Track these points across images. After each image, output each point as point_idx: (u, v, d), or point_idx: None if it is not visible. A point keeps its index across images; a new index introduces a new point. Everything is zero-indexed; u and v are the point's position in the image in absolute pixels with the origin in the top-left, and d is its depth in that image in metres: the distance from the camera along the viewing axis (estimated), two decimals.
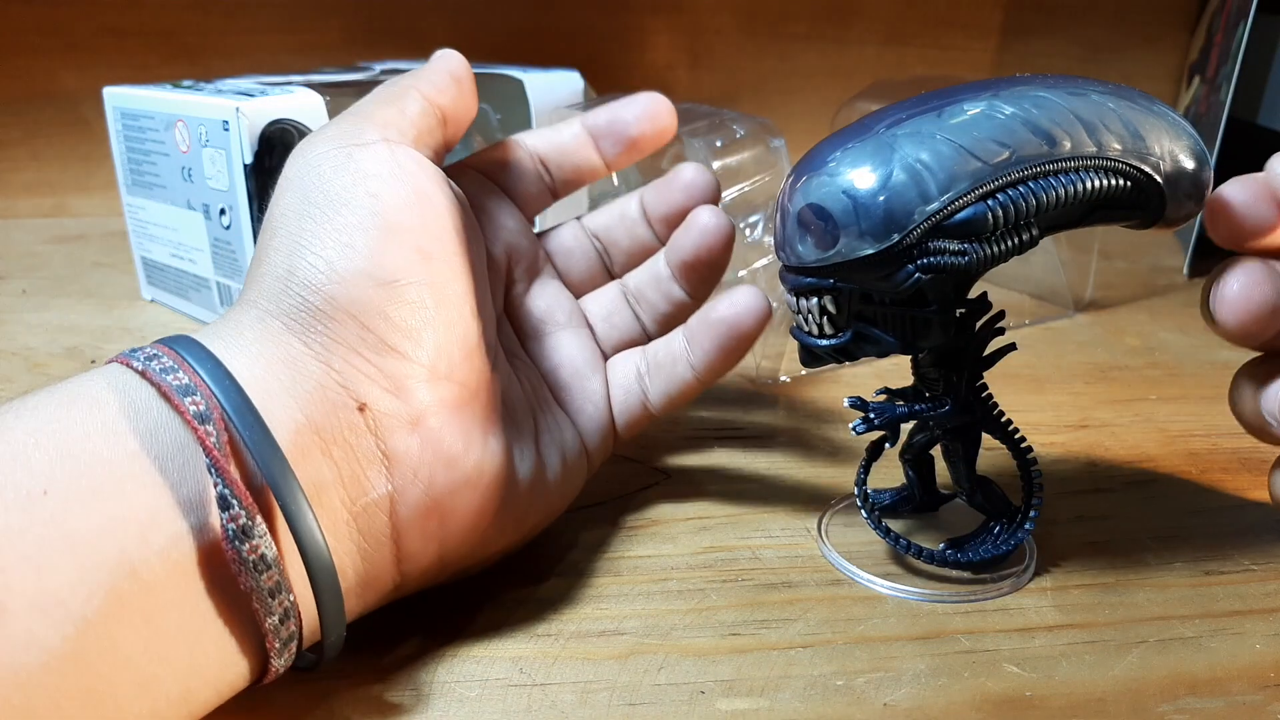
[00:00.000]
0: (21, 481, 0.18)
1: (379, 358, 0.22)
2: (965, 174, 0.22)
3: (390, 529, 0.22)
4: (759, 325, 0.28)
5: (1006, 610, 0.26)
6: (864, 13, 0.70)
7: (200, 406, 0.19)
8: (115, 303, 0.50)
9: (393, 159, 0.24)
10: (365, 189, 0.23)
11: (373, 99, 0.27)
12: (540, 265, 0.31)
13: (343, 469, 0.21)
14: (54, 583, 0.17)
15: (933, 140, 0.23)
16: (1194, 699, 0.23)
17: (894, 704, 0.22)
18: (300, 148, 0.25)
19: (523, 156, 0.30)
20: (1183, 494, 0.30)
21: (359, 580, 0.22)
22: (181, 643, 0.19)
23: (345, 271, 0.22)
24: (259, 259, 0.24)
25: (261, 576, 0.19)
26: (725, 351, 0.29)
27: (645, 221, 0.32)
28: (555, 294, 0.31)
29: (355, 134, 0.25)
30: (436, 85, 0.27)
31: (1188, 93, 0.69)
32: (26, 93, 0.65)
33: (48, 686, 0.17)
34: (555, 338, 0.30)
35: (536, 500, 0.26)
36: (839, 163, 0.23)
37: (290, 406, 0.21)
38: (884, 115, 0.24)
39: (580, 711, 0.22)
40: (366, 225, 0.23)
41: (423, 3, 0.66)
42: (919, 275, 0.23)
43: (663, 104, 0.30)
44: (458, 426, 0.23)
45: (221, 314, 0.44)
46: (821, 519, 0.30)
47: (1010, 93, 0.23)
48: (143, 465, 0.19)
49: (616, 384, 0.30)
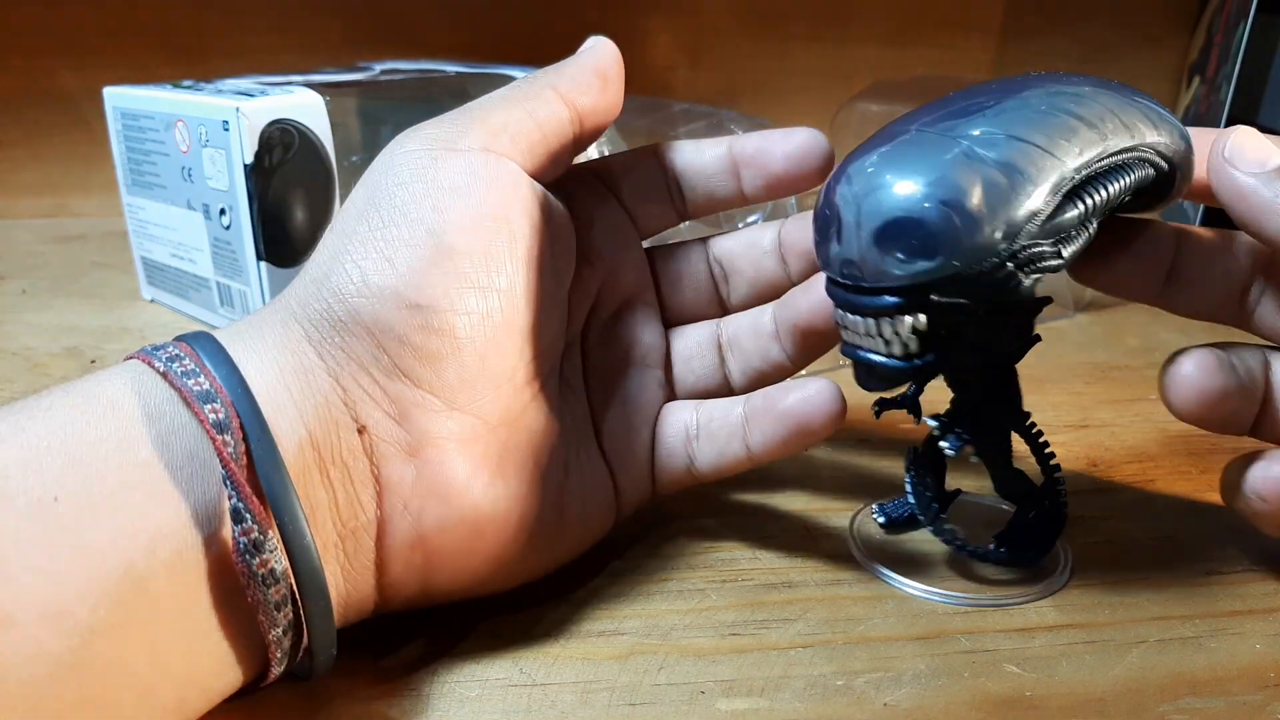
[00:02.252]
0: (33, 488, 0.17)
1: (388, 381, 0.22)
2: (1052, 172, 0.22)
3: (375, 556, 0.22)
4: (829, 426, 0.26)
5: (1006, 610, 0.26)
6: (864, 13, 0.70)
7: (219, 415, 0.19)
8: (115, 303, 0.50)
9: (480, 172, 0.23)
10: (432, 203, 0.22)
11: (502, 95, 0.25)
12: (637, 290, 0.28)
13: (337, 490, 0.21)
14: (62, 593, 0.17)
15: (1009, 141, 0.22)
16: (1194, 699, 0.23)
17: (894, 704, 0.22)
18: (395, 141, 0.24)
19: (655, 171, 0.28)
20: (1183, 494, 0.30)
21: (340, 601, 0.22)
22: (182, 653, 0.19)
23: (376, 287, 0.21)
24: (314, 254, 0.23)
25: (269, 590, 0.19)
26: (787, 445, 0.26)
27: (778, 256, 0.29)
28: (640, 325, 0.28)
29: (454, 136, 0.23)
30: (578, 83, 0.26)
31: (1188, 93, 0.69)
32: (26, 93, 0.65)
33: (51, 696, 0.17)
34: (623, 375, 0.28)
35: (545, 546, 0.25)
36: (917, 170, 0.22)
37: (295, 420, 0.21)
38: (914, 118, 0.23)
39: (580, 711, 0.22)
40: (417, 242, 0.22)
41: (423, 3, 0.66)
42: (1024, 281, 0.22)
43: (817, 146, 0.27)
44: (462, 462, 0.22)
45: (221, 313, 0.45)
46: (853, 522, 0.30)
47: (1041, 90, 0.23)
48: (154, 474, 0.19)
49: (664, 439, 0.28)
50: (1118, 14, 0.71)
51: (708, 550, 0.29)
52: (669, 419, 0.28)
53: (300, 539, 0.19)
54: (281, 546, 0.19)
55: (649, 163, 0.28)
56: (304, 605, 0.20)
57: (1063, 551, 0.28)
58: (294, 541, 0.19)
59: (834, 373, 0.41)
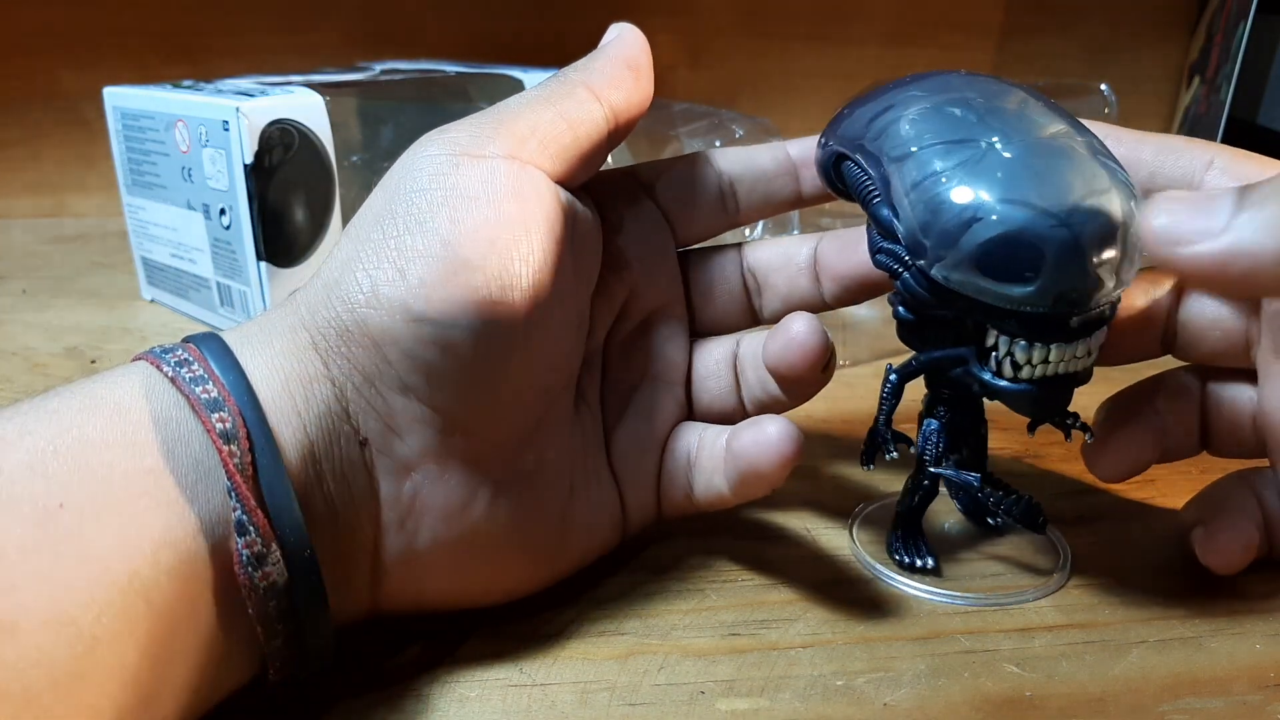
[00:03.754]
0: (39, 494, 0.17)
1: (391, 394, 0.21)
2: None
3: (370, 571, 0.22)
4: (779, 469, 0.24)
5: (1006, 610, 0.26)
6: (864, 13, 0.70)
7: (227, 424, 0.19)
8: (115, 303, 0.50)
9: (502, 181, 0.22)
10: (449, 212, 0.21)
11: (533, 96, 0.24)
12: (666, 300, 0.27)
13: (337, 503, 0.21)
14: (66, 601, 0.17)
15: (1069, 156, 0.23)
16: (1194, 699, 0.23)
17: (894, 704, 0.22)
18: (418, 143, 0.23)
19: (708, 176, 0.27)
20: (1183, 494, 0.30)
21: (334, 613, 0.21)
22: (183, 661, 0.19)
23: (385, 298, 0.21)
24: (329, 256, 0.22)
25: (270, 603, 0.19)
26: (745, 486, 0.25)
27: (812, 274, 0.28)
28: (665, 339, 0.27)
29: (478, 141, 0.22)
30: (610, 79, 0.25)
31: (1188, 93, 0.69)
32: (26, 93, 0.65)
33: (53, 704, 0.17)
34: (640, 392, 0.27)
35: (544, 564, 0.24)
36: (1026, 183, 0.22)
37: (299, 430, 0.20)
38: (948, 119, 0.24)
39: (580, 711, 0.22)
40: (431, 254, 0.21)
41: (423, 3, 0.66)
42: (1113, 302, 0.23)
43: None
44: (461, 479, 0.22)
45: (221, 313, 0.45)
46: (852, 522, 0.30)
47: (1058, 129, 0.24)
48: (160, 482, 0.19)
49: (669, 462, 0.27)
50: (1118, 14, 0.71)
51: (708, 550, 0.29)
52: (677, 441, 0.27)
53: (302, 553, 0.19)
54: (283, 560, 0.19)
55: (702, 169, 0.27)
56: (304, 618, 0.20)
57: (1061, 551, 0.28)
58: (296, 556, 0.19)
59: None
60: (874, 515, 0.30)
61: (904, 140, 0.24)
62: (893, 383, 0.26)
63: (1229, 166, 0.25)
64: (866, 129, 0.25)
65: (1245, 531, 0.26)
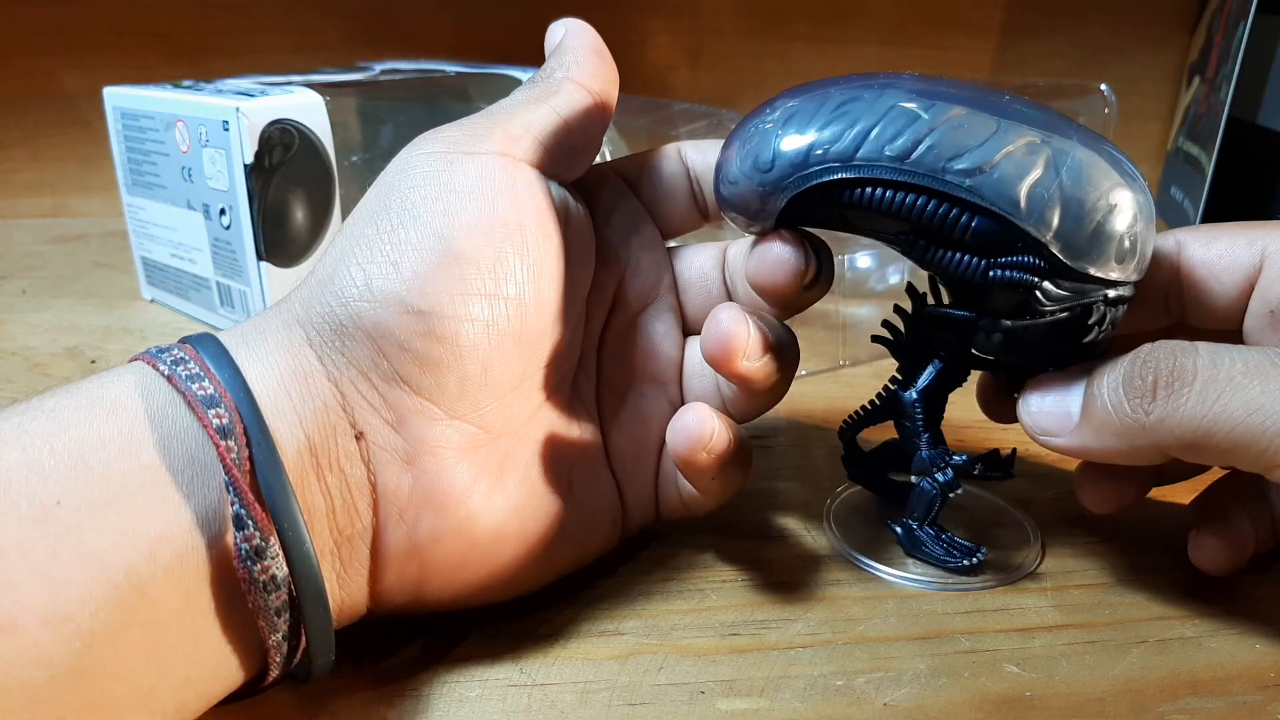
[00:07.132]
0: (36, 491, 0.17)
1: (387, 387, 0.21)
2: None
3: (369, 564, 0.22)
4: (695, 450, 0.24)
5: (1007, 610, 0.26)
6: (864, 13, 0.70)
7: (223, 420, 0.19)
8: (115, 303, 0.50)
9: (495, 177, 0.22)
10: (443, 207, 0.22)
11: (523, 96, 0.24)
12: (658, 292, 0.27)
13: (334, 496, 0.21)
14: (63, 597, 0.17)
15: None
16: (1194, 699, 0.23)
17: (894, 704, 0.22)
18: (413, 143, 0.23)
19: (676, 171, 0.27)
20: (1183, 494, 0.30)
21: (334, 607, 0.22)
22: (182, 656, 0.19)
23: (379, 291, 0.21)
24: (323, 254, 0.23)
25: (270, 596, 0.19)
26: (689, 477, 0.25)
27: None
28: (658, 334, 0.27)
29: (471, 140, 0.23)
30: (588, 69, 0.25)
31: (1188, 93, 0.69)
32: (26, 93, 0.65)
33: (52, 700, 0.17)
34: (634, 391, 0.27)
35: (543, 560, 0.24)
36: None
37: (295, 425, 0.21)
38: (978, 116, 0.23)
39: (580, 711, 0.22)
40: (425, 247, 0.21)
41: (423, 3, 0.66)
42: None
43: None
44: (460, 471, 0.22)
45: (221, 313, 0.45)
46: (827, 509, 0.30)
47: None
48: (156, 477, 0.19)
49: (665, 462, 0.27)
50: (1118, 14, 0.71)
51: (708, 550, 0.29)
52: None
53: (300, 546, 0.19)
54: (282, 553, 0.19)
55: (671, 163, 0.27)
56: (304, 612, 0.20)
57: (1031, 532, 0.29)
58: (294, 548, 0.19)
59: (833, 372, 0.41)
60: (844, 505, 0.31)
61: (961, 149, 0.22)
62: (913, 400, 0.27)
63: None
64: (883, 151, 0.22)
65: (1236, 535, 0.27)
